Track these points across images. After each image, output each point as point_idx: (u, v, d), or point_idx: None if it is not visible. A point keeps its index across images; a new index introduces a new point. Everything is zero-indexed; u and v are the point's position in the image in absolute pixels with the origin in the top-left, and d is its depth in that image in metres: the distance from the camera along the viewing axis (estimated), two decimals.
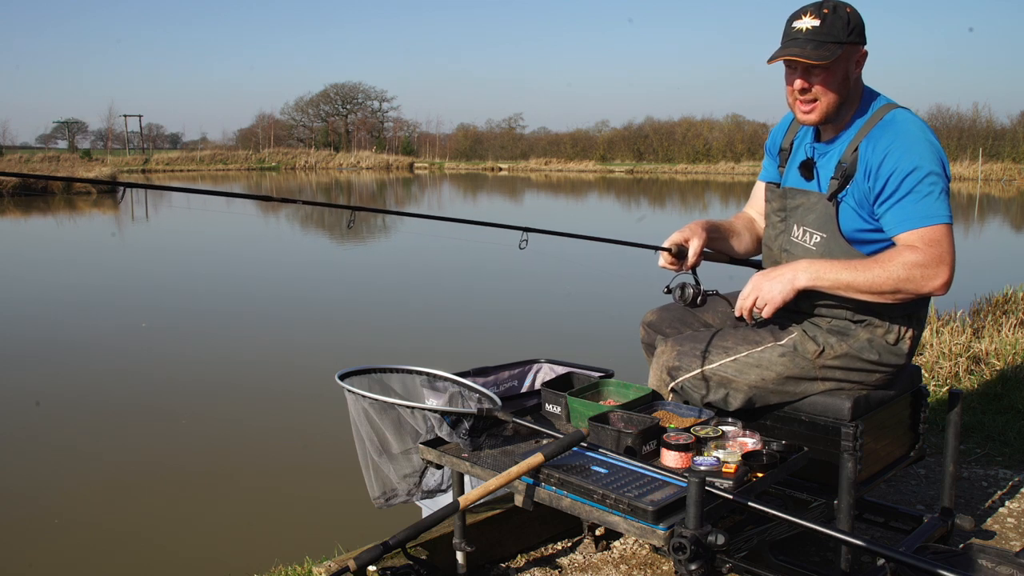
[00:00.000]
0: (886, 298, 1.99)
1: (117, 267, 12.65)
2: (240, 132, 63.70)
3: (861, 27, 2.04)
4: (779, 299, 2.02)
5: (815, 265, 2.02)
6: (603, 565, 2.50)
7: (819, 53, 1.98)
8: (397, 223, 20.31)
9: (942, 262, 1.94)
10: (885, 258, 1.98)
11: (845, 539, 1.72)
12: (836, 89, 2.04)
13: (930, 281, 1.94)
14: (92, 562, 3.54)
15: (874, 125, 2.06)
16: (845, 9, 2.02)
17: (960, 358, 4.62)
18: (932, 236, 1.96)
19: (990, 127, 41.77)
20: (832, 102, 2.05)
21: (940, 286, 1.95)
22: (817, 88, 2.04)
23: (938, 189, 1.98)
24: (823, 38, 1.99)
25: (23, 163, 31.37)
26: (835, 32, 1.99)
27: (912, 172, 1.97)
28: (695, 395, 2.18)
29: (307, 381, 5.82)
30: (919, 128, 2.04)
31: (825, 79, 2.02)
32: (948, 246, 1.96)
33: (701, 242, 2.24)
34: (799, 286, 2.01)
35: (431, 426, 2.11)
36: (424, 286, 10.46)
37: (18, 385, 6.02)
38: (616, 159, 52.68)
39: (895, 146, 2.00)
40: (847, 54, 2.02)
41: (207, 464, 4.53)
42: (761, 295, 2.04)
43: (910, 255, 1.95)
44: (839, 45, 1.99)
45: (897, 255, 1.97)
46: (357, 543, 2.43)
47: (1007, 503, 2.97)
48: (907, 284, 1.94)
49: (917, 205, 1.97)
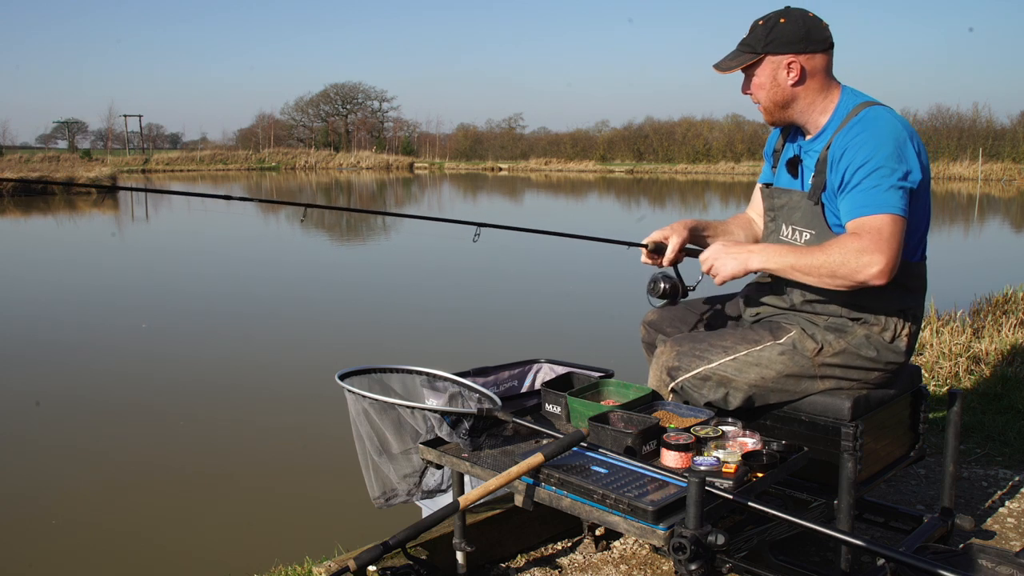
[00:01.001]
0: (825, 282, 2.02)
1: (117, 267, 12.65)
2: (240, 132, 63.71)
3: (791, 38, 2.09)
4: (728, 274, 2.12)
5: (769, 249, 2.11)
6: (603, 565, 2.50)
7: (726, 63, 2.17)
8: (397, 222, 20.31)
9: (878, 250, 1.95)
10: (829, 243, 2.03)
11: (845, 539, 1.72)
12: (765, 94, 2.16)
13: (865, 268, 1.95)
14: (92, 562, 3.54)
15: (847, 122, 2.11)
16: (779, 20, 2.11)
17: (960, 358, 4.62)
18: (873, 224, 1.98)
19: (990, 127, 41.75)
20: (769, 106, 2.18)
21: (876, 274, 1.95)
22: (754, 93, 2.18)
23: (888, 182, 1.99)
24: (742, 48, 2.15)
25: (23, 163, 31.37)
26: (753, 43, 2.13)
27: (864, 164, 2.01)
28: (695, 395, 2.19)
29: (307, 381, 5.82)
30: (886, 124, 2.05)
31: (754, 86, 2.17)
32: (889, 235, 1.96)
33: (680, 239, 2.34)
34: (751, 267, 2.10)
35: (431, 426, 2.11)
36: (424, 286, 10.46)
37: (18, 385, 6.02)
38: (616, 159, 52.66)
39: (855, 141, 2.05)
40: (762, 63, 2.13)
41: (207, 464, 4.53)
42: (715, 265, 2.14)
43: (849, 241, 1.99)
44: (752, 55, 2.13)
45: (839, 241, 2.02)
46: (357, 543, 2.43)
47: (1007, 503, 2.97)
48: (842, 269, 1.97)
49: (864, 194, 2.00)
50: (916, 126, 30.47)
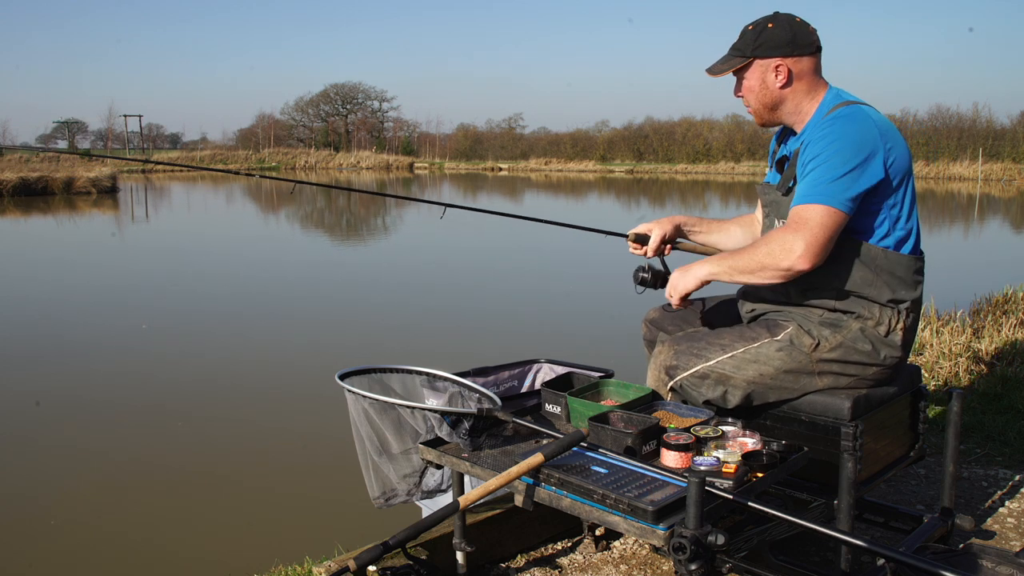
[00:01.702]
0: (758, 277, 2.07)
1: (117, 267, 12.65)
2: (240, 132, 63.65)
3: (778, 41, 2.15)
4: (682, 289, 2.19)
5: (715, 258, 2.19)
6: (603, 565, 2.50)
7: (717, 67, 2.23)
8: (397, 222, 20.32)
9: (799, 237, 1.99)
10: (759, 240, 2.12)
11: (845, 539, 1.72)
12: (755, 96, 2.22)
13: (788, 255, 1.99)
14: (92, 562, 3.55)
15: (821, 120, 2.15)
16: (767, 24, 2.18)
17: (960, 358, 4.62)
18: (803, 213, 2.02)
19: (990, 127, 41.73)
20: (759, 108, 2.24)
21: (796, 259, 1.99)
22: (744, 95, 2.25)
23: (832, 175, 2.01)
24: (732, 52, 2.22)
25: (23, 163, 31.35)
26: (742, 47, 2.19)
27: (816, 157, 2.06)
28: (693, 393, 2.19)
29: (307, 381, 5.83)
30: (853, 121, 2.07)
31: (744, 88, 2.23)
32: (815, 223, 1.99)
33: (663, 232, 2.47)
34: (701, 277, 2.16)
35: (431, 426, 2.11)
36: (424, 286, 10.46)
37: (18, 385, 6.02)
38: (616, 159, 52.65)
39: (816, 135, 2.10)
40: (751, 66, 2.19)
41: (207, 464, 4.53)
42: (672, 284, 2.24)
43: (776, 233, 2.05)
44: (741, 59, 2.19)
45: (768, 235, 2.09)
46: (357, 543, 2.43)
47: (1007, 503, 2.97)
48: (768, 259, 2.03)
49: (805, 186, 2.06)
50: (916, 126, 30.32)
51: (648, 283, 2.45)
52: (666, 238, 2.48)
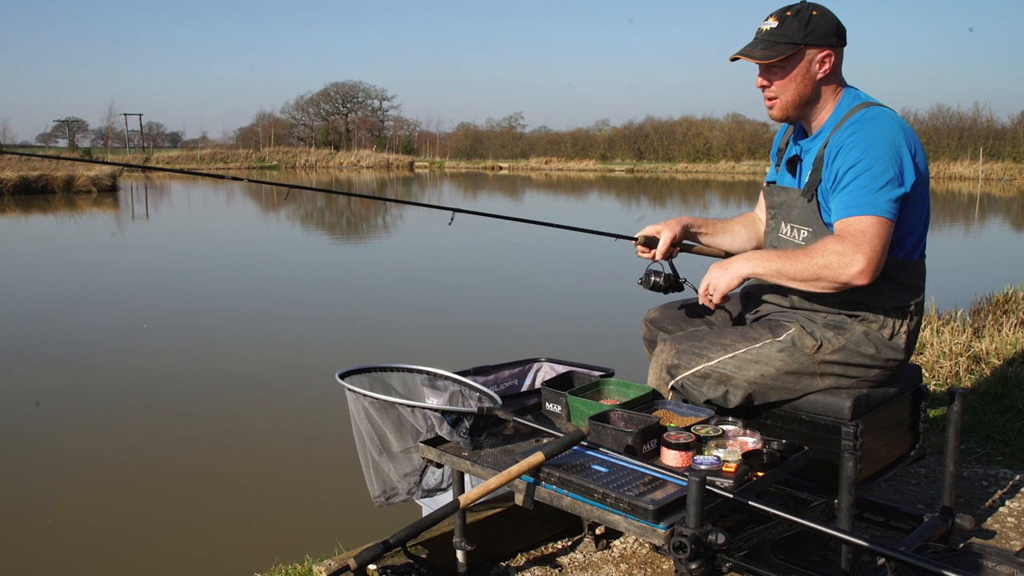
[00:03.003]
0: (811, 285, 2.03)
1: (117, 266, 12.64)
2: (240, 131, 63.72)
3: (827, 30, 2.09)
4: (723, 286, 2.12)
5: (758, 255, 2.12)
6: (603, 564, 2.50)
7: (766, 53, 2.09)
8: (397, 221, 20.31)
9: (860, 251, 1.95)
10: (813, 247, 2.04)
11: (845, 538, 1.72)
12: (794, 87, 2.12)
13: (847, 269, 1.96)
14: (92, 562, 3.54)
15: (845, 121, 2.10)
16: (811, 12, 2.09)
17: (960, 357, 4.62)
18: (857, 225, 1.98)
19: (990, 127, 41.74)
20: (790, 100, 2.14)
21: (856, 274, 1.96)
22: (775, 86, 2.13)
23: (879, 183, 1.98)
24: (776, 39, 2.09)
25: (23, 161, 31.33)
26: (790, 33, 2.08)
27: (856, 164, 2.01)
28: (695, 393, 2.19)
29: (307, 381, 5.83)
30: (883, 125, 2.05)
31: (781, 77, 2.12)
32: (872, 236, 1.96)
33: (672, 234, 2.40)
34: (742, 274, 2.11)
35: (431, 425, 2.10)
36: (424, 285, 10.46)
37: (18, 385, 6.02)
38: (616, 158, 52.65)
39: (850, 140, 2.04)
40: (802, 55, 2.09)
41: (207, 464, 4.53)
42: (711, 283, 2.15)
43: (832, 243, 2.00)
44: (792, 46, 2.08)
45: (823, 243, 2.02)
46: (357, 542, 2.43)
47: (1007, 502, 2.97)
48: (825, 271, 1.98)
49: (851, 195, 2.01)
50: (916, 126, 30.24)
51: (661, 287, 2.40)
52: (675, 240, 2.43)
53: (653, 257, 2.43)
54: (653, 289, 2.42)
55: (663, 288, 2.41)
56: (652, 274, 2.42)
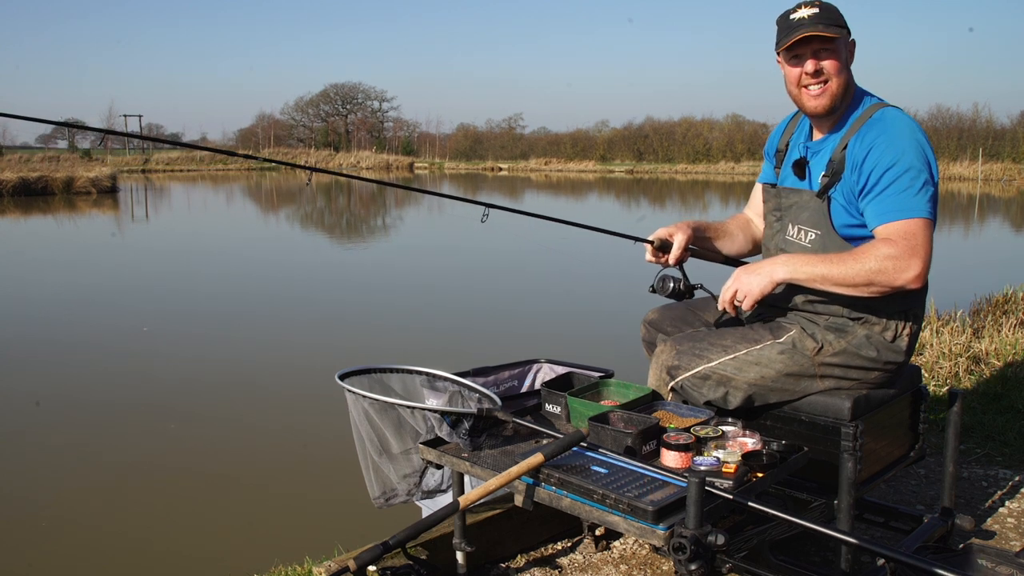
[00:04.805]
0: (860, 291, 2.01)
1: (117, 267, 12.65)
2: (240, 132, 63.72)
3: (844, 20, 2.12)
4: (757, 291, 2.06)
5: (794, 259, 2.07)
6: (603, 565, 2.50)
7: (831, 29, 2.06)
8: (397, 222, 20.32)
9: (915, 255, 1.95)
10: (860, 251, 2.01)
11: (845, 539, 1.72)
12: (841, 71, 2.10)
13: (902, 274, 1.95)
14: (92, 562, 3.54)
15: (864, 122, 2.10)
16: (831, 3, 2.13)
17: (960, 358, 4.62)
18: (907, 229, 1.97)
19: (990, 127, 41.74)
20: (840, 84, 2.11)
21: (912, 279, 1.96)
22: (828, 68, 2.09)
23: (918, 184, 1.99)
24: (827, 21, 2.07)
25: (23, 163, 31.34)
26: (834, 17, 2.09)
27: (892, 166, 2.00)
28: (694, 394, 2.19)
29: (307, 381, 5.82)
30: (906, 125, 2.06)
31: (834, 60, 2.09)
32: (923, 240, 1.96)
33: (685, 238, 2.35)
34: (777, 279, 2.06)
35: (431, 426, 2.10)
36: (424, 286, 10.46)
37: (18, 385, 6.02)
38: (616, 159, 52.64)
39: (879, 141, 2.03)
40: (847, 39, 2.12)
41: (207, 464, 4.53)
42: (741, 288, 2.09)
43: (884, 248, 1.97)
44: (840, 28, 2.09)
45: (872, 248, 1.99)
46: (357, 543, 2.43)
47: (1007, 503, 2.97)
48: (879, 276, 1.96)
49: (895, 199, 1.99)
50: None
51: (679, 293, 2.34)
52: (688, 244, 2.37)
53: (665, 262, 2.38)
54: (671, 296, 2.35)
55: (680, 294, 2.35)
56: (669, 279, 2.35)
